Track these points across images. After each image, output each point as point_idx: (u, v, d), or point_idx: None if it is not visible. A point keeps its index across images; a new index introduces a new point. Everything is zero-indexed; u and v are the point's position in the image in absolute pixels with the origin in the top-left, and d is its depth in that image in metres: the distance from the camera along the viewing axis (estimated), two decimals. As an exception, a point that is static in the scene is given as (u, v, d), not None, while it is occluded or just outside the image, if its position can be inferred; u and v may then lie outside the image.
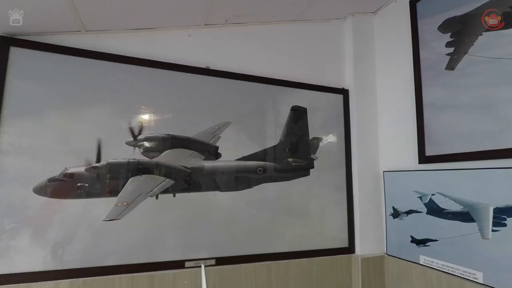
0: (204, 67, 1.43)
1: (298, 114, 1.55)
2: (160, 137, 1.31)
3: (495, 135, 1.08)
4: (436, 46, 1.33)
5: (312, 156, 1.55)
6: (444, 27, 1.31)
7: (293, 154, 1.52)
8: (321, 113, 1.62)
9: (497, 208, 1.05)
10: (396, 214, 1.48)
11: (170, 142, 1.33)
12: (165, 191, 1.28)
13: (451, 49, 1.27)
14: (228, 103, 1.44)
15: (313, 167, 1.54)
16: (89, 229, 1.16)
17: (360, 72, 1.68)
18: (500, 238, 1.04)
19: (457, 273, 1.18)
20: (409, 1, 1.49)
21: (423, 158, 1.34)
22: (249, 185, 1.44)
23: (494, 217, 1.06)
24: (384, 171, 1.57)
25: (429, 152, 1.32)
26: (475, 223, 1.12)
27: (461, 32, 1.23)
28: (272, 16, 1.57)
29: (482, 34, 1.15)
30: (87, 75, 1.23)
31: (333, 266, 1.52)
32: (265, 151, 1.47)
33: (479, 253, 1.10)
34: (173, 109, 1.34)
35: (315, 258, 1.50)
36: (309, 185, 1.54)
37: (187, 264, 1.27)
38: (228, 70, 1.46)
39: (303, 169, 1.53)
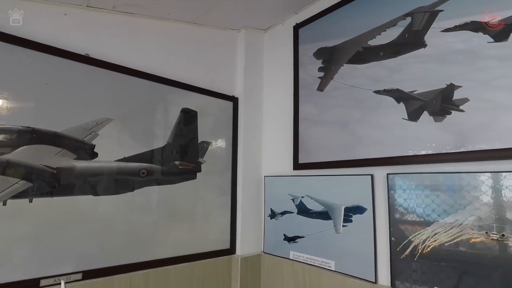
0: (83, 54, 1.26)
1: (189, 117, 1.54)
2: (15, 129, 1.08)
3: (349, 148, 1.33)
4: (311, 69, 1.55)
5: (200, 159, 1.56)
6: (318, 54, 1.55)
7: (181, 157, 1.49)
8: (211, 118, 1.64)
9: (347, 207, 1.29)
10: (273, 215, 1.63)
11: (30, 136, 1.10)
12: (18, 196, 1.05)
13: (322, 74, 1.50)
14: (109, 98, 1.30)
15: (200, 171, 1.55)
16: None
17: (249, 82, 1.79)
18: (348, 232, 1.28)
19: (317, 263, 1.38)
20: (293, 27, 1.70)
21: (297, 165, 1.53)
22: (130, 189, 1.33)
23: (344, 215, 1.29)
24: (265, 176, 1.71)
25: (301, 160, 1.52)
26: (331, 220, 1.34)
27: (330, 60, 1.48)
28: (166, 13, 1.51)
29: (343, 65, 1.41)
30: None
31: (214, 268, 1.55)
32: (150, 153, 1.39)
33: (333, 245, 1.33)
34: (37, 97, 1.13)
35: (197, 261, 1.49)
36: (196, 188, 1.54)
37: (43, 282, 1.07)
38: (113, 62, 1.32)
39: (190, 173, 1.52)
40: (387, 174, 1.16)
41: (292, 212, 1.53)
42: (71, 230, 1.16)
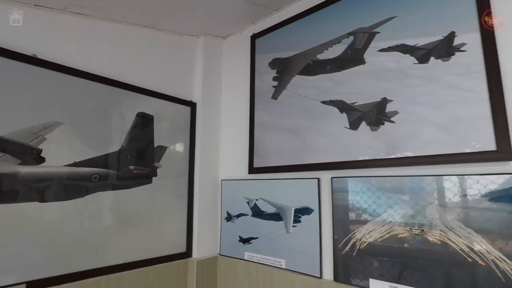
0: (30, 54, 1.21)
1: (144, 121, 1.53)
2: (-51, 133, 1.01)
3: (299, 153, 1.42)
4: (266, 78, 1.64)
5: (155, 164, 1.56)
6: (272, 64, 1.63)
7: (137, 162, 1.48)
8: (168, 123, 1.65)
9: (296, 208, 1.39)
10: (229, 217, 1.68)
11: (-33, 141, 1.04)
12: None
13: (276, 83, 1.59)
14: (59, 101, 1.26)
15: (156, 175, 1.55)
16: None
17: (208, 88, 1.83)
18: (297, 232, 1.37)
19: (269, 263, 1.46)
20: (251, 36, 1.77)
21: (252, 169, 1.60)
22: (81, 194, 1.29)
23: (294, 216, 1.39)
24: (222, 180, 1.76)
25: (256, 164, 1.59)
26: (283, 221, 1.43)
27: (283, 71, 1.57)
28: (123, 16, 1.50)
29: (295, 76, 1.51)
30: None
31: (170, 272, 1.55)
32: (104, 157, 1.37)
33: (284, 245, 1.41)
34: (-25, 99, 1.06)
35: (152, 266, 1.49)
36: (151, 193, 1.53)
37: (-20, 295, 1.01)
38: (64, 64, 1.29)
39: (145, 177, 1.51)
40: (331, 177, 1.27)
41: (247, 215, 1.59)
42: (14, 239, 1.10)
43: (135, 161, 1.47)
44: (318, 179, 1.33)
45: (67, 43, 1.34)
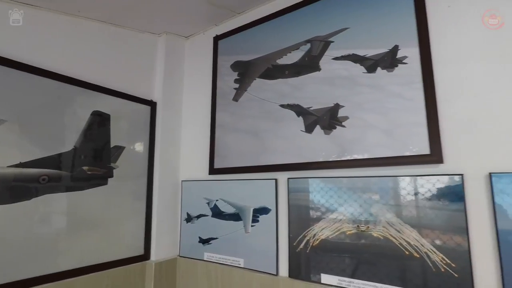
0: (-31, 45, 1.12)
1: (100, 120, 1.48)
2: None
3: (258, 155, 1.46)
4: (228, 80, 1.66)
5: (112, 164, 1.51)
6: (234, 66, 1.66)
7: (92, 162, 1.42)
8: (126, 122, 1.61)
9: (255, 209, 1.42)
10: (189, 218, 1.68)
11: None
12: None
13: (237, 85, 1.62)
14: (2, 97, 1.18)
15: (112, 176, 1.50)
16: None
17: (169, 88, 1.81)
18: (255, 231, 1.41)
19: (228, 262, 1.48)
20: (213, 38, 1.78)
21: (212, 170, 1.61)
22: (28, 197, 1.22)
23: (252, 216, 1.42)
24: (182, 180, 1.75)
25: (217, 165, 1.60)
26: (242, 221, 1.46)
27: (244, 73, 1.60)
28: (77, 10, 1.44)
29: (255, 79, 1.54)
30: None
31: (126, 275, 1.51)
32: (56, 157, 1.30)
33: (243, 244, 1.44)
34: None
35: (107, 270, 1.44)
36: (107, 194, 1.48)
37: None
38: (8, 57, 1.20)
39: (100, 178, 1.46)
40: (288, 178, 1.33)
41: (207, 215, 1.60)
42: None
43: (89, 161, 1.42)
44: (276, 179, 1.37)
45: (13, 35, 1.25)
